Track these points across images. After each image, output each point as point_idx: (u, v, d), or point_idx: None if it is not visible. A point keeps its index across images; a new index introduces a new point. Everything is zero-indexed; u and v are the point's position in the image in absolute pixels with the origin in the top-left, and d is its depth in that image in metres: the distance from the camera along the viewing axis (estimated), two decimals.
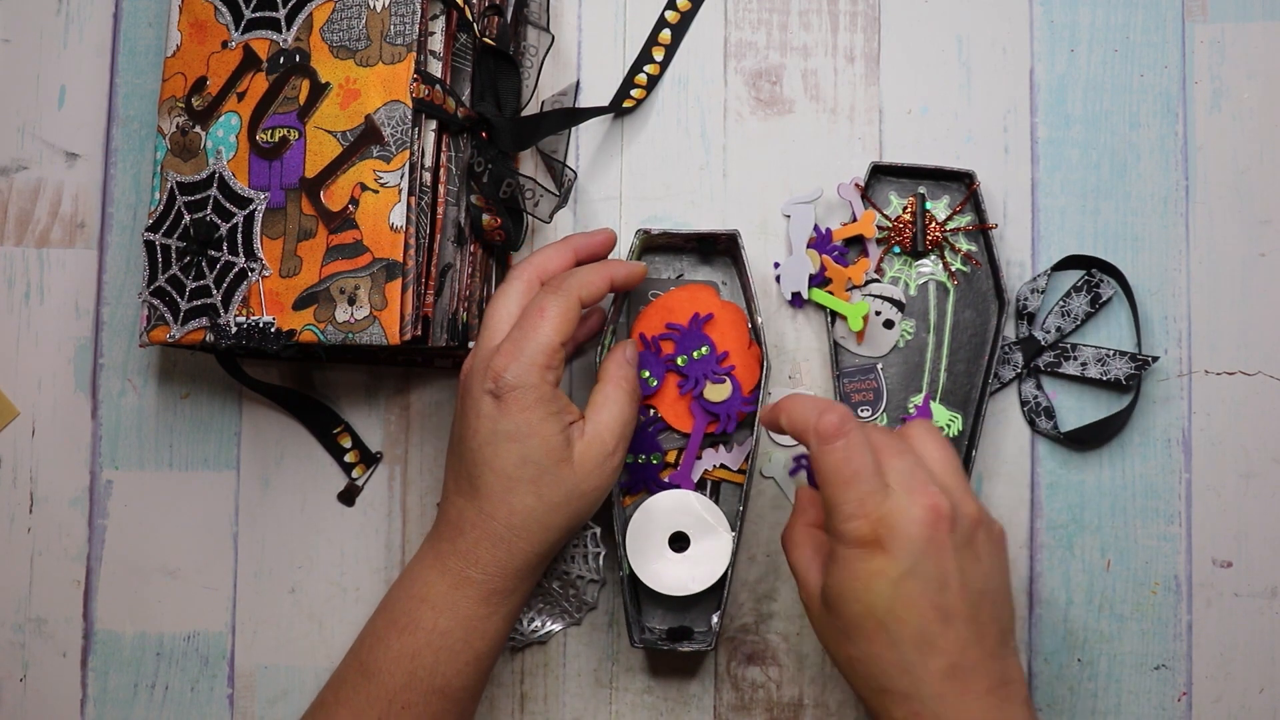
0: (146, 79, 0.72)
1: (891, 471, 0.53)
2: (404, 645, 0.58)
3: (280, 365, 0.70)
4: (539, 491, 0.57)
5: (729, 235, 0.66)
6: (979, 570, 0.53)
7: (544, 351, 0.57)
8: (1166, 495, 0.68)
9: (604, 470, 0.58)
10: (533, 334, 0.57)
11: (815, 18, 0.71)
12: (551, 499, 0.57)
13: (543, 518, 0.58)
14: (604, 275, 0.60)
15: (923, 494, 0.52)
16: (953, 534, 0.52)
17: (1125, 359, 0.66)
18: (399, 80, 0.60)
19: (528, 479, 0.57)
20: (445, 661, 0.57)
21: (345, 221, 0.59)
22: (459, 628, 0.58)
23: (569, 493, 0.58)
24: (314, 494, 0.70)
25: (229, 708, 0.69)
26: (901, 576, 0.52)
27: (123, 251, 0.71)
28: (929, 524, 0.52)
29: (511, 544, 0.58)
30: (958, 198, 0.68)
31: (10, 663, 0.70)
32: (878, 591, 0.52)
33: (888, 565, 0.52)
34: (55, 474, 0.70)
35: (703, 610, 0.67)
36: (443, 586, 0.58)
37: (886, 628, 0.52)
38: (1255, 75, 0.69)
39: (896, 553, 0.52)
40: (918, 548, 0.52)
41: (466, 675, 0.58)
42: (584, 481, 0.58)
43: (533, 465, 0.57)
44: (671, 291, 0.68)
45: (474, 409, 0.58)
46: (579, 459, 0.58)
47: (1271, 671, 0.67)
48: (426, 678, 0.57)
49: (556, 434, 0.57)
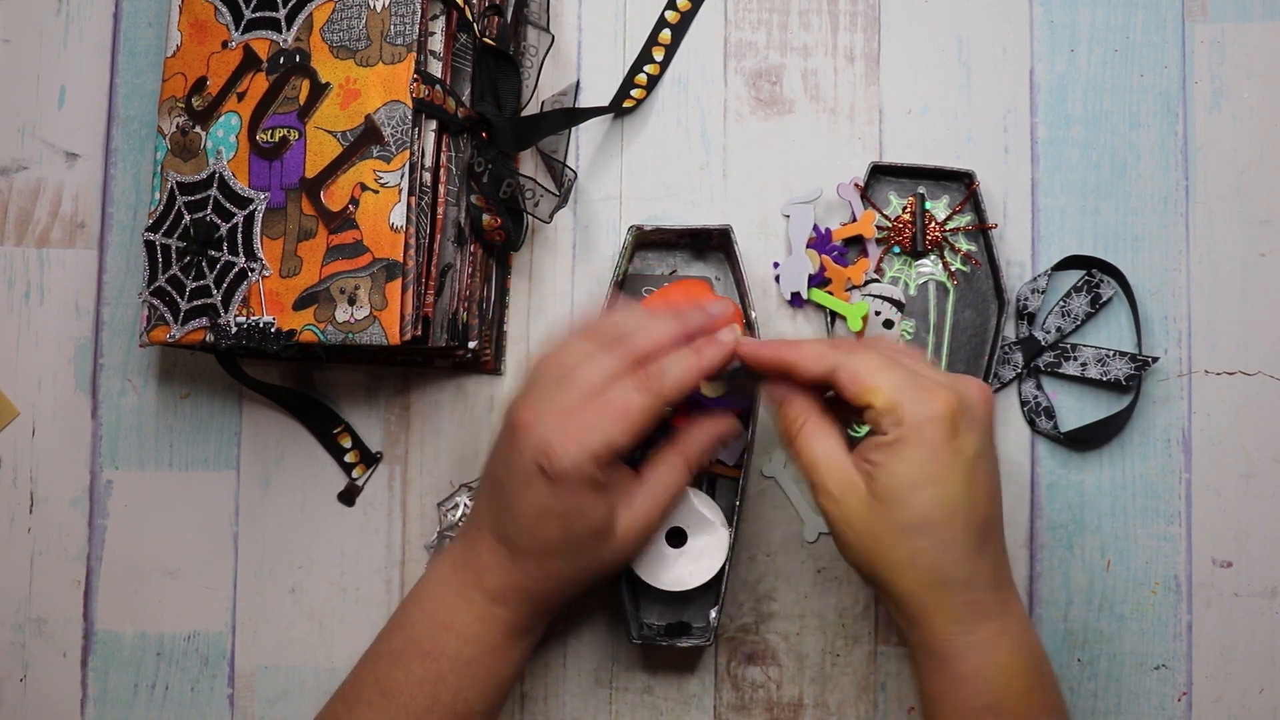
0: (146, 79, 0.72)
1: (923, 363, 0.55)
2: (427, 670, 0.57)
3: (280, 365, 0.70)
4: (575, 561, 0.57)
5: (721, 231, 0.66)
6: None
7: (609, 449, 0.54)
8: (1166, 495, 0.68)
9: (643, 538, 0.58)
10: (605, 429, 0.54)
11: (815, 18, 0.71)
12: (587, 566, 0.57)
13: (574, 578, 0.57)
14: (697, 373, 0.56)
15: (968, 377, 0.54)
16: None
17: (1125, 359, 0.66)
18: (399, 80, 0.60)
19: (568, 552, 0.56)
20: (469, 688, 0.57)
21: (345, 221, 0.59)
22: (484, 657, 0.57)
23: (607, 561, 0.57)
24: (314, 494, 0.70)
25: (229, 708, 0.69)
26: (976, 454, 0.52)
27: (123, 251, 0.71)
28: (986, 403, 0.53)
29: (543, 597, 0.58)
30: (957, 198, 0.68)
31: (10, 663, 0.70)
32: (958, 471, 0.51)
33: (965, 443, 0.52)
34: (55, 474, 0.70)
35: (701, 606, 0.67)
36: (468, 617, 0.57)
37: (959, 513, 0.51)
38: (1255, 75, 0.69)
39: (972, 430, 0.52)
40: (982, 425, 0.53)
41: (490, 700, 0.58)
42: (623, 553, 0.58)
43: (574, 542, 0.56)
44: (666, 287, 0.68)
45: (522, 473, 0.54)
46: (622, 532, 0.57)
47: (1271, 671, 0.67)
48: (449, 702, 0.57)
49: (602, 514, 0.56)
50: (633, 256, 0.68)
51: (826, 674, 0.68)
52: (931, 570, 0.52)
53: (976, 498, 0.52)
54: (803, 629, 0.68)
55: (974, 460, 0.52)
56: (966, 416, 0.52)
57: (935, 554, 0.52)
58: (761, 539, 0.68)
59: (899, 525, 0.52)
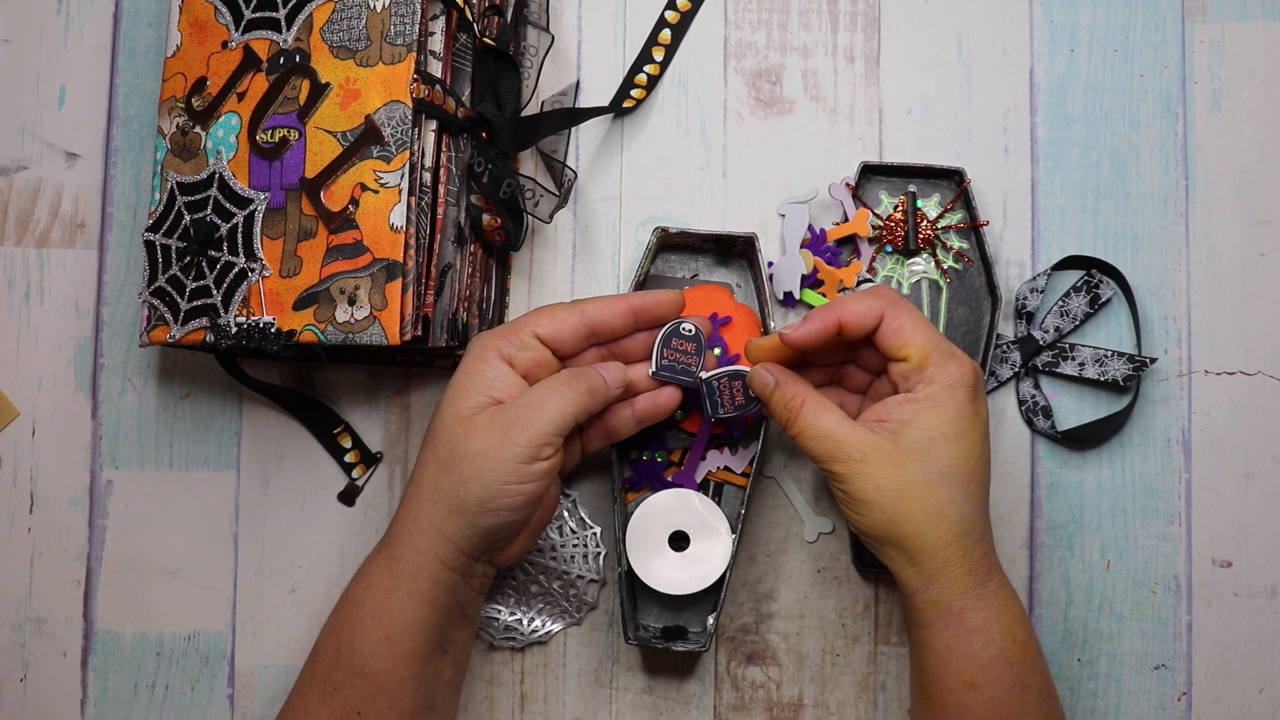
0: (146, 79, 0.72)
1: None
2: (333, 620, 0.59)
3: (280, 365, 0.70)
4: (434, 446, 0.57)
5: (746, 238, 0.66)
6: None
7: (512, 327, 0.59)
8: (1166, 495, 0.68)
9: (494, 435, 0.55)
10: (519, 318, 0.60)
11: (815, 18, 0.71)
12: (440, 455, 0.56)
13: (432, 476, 0.57)
14: (621, 299, 0.61)
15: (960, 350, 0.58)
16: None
17: (1123, 360, 0.66)
18: (399, 80, 0.60)
19: (431, 431, 0.58)
20: (360, 638, 0.57)
21: (345, 222, 0.59)
22: (368, 600, 0.57)
23: (453, 450, 0.56)
24: (314, 494, 0.70)
25: (229, 708, 0.69)
26: (986, 420, 0.57)
27: (123, 251, 0.71)
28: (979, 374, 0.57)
29: (409, 501, 0.58)
30: (948, 195, 0.68)
31: (10, 663, 0.70)
32: (978, 431, 0.56)
33: (983, 408, 0.57)
34: (55, 474, 0.70)
35: (699, 611, 0.67)
36: (369, 558, 0.59)
37: (979, 469, 0.56)
38: (1255, 75, 0.69)
39: (983, 398, 0.57)
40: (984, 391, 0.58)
41: (381, 658, 0.56)
42: (469, 441, 0.56)
43: (439, 419, 0.57)
44: (686, 290, 0.67)
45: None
46: (475, 418, 0.56)
47: (1271, 671, 0.67)
48: (348, 656, 0.57)
49: (472, 393, 0.57)
50: (655, 258, 0.68)
51: (826, 674, 0.68)
52: (958, 520, 0.55)
53: (988, 458, 0.57)
54: (803, 629, 0.68)
55: (986, 423, 0.57)
56: (981, 384, 0.57)
57: (961, 504, 0.55)
58: (761, 539, 0.68)
59: (930, 476, 0.55)
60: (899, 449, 0.55)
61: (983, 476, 0.56)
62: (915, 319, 0.57)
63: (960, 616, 0.55)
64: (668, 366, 0.61)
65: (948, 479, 0.55)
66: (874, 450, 0.55)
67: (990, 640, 0.55)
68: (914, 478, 0.54)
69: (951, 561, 0.55)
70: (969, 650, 0.55)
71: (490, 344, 0.58)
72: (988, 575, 0.56)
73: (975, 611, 0.55)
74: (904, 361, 0.56)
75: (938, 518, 0.54)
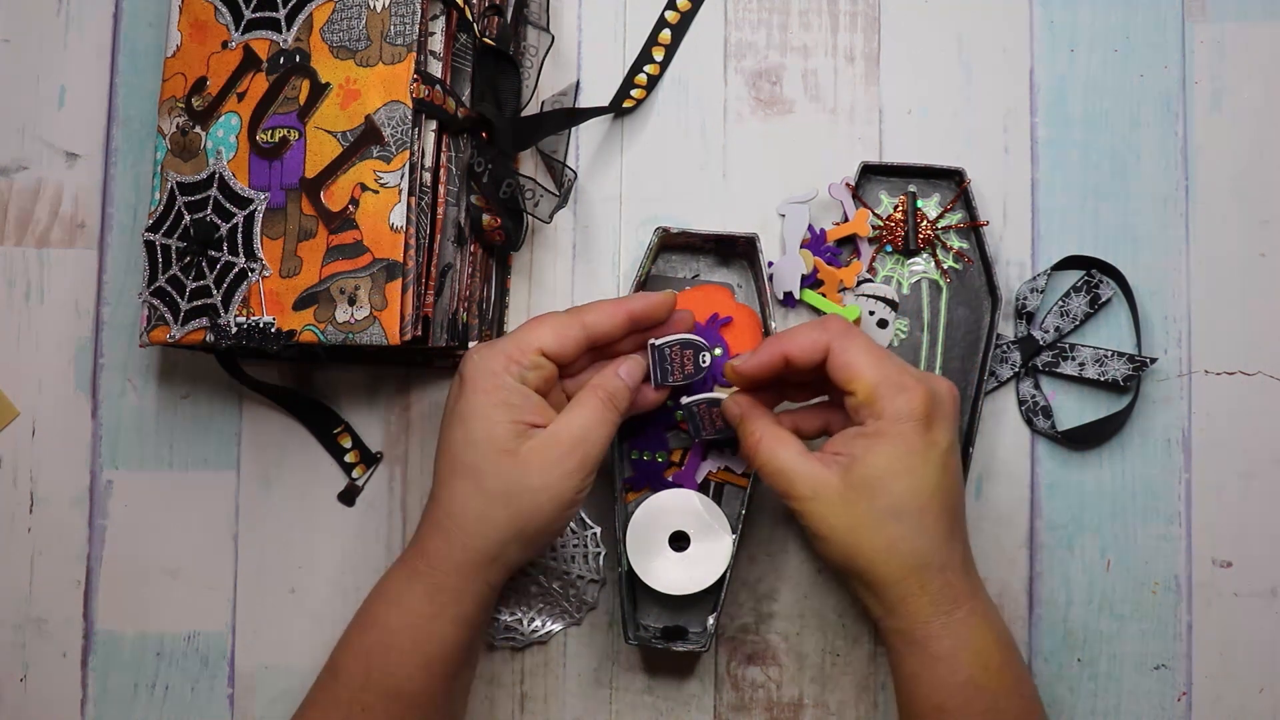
0: (146, 79, 0.72)
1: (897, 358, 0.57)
2: (361, 643, 0.58)
3: (280, 365, 0.70)
4: (478, 480, 0.56)
5: (748, 239, 0.66)
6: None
7: (518, 347, 0.57)
8: (1166, 495, 0.68)
9: (553, 473, 0.56)
10: (518, 333, 0.58)
11: (815, 18, 0.71)
12: (489, 489, 0.56)
13: (481, 509, 0.56)
14: (618, 305, 0.59)
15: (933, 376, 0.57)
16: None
17: (1123, 360, 0.66)
18: (399, 80, 0.60)
19: (468, 464, 0.56)
20: (395, 663, 0.56)
21: (345, 222, 0.59)
22: (407, 627, 0.57)
23: (509, 486, 0.56)
24: (314, 494, 0.70)
25: (229, 708, 0.69)
26: (949, 448, 0.55)
27: (123, 251, 0.71)
28: (954, 400, 0.57)
29: (451, 533, 0.56)
30: (948, 195, 0.68)
31: (10, 663, 0.70)
32: (932, 463, 0.54)
33: (939, 437, 0.55)
34: (55, 474, 0.70)
35: (699, 611, 0.67)
36: (399, 580, 0.58)
37: (935, 500, 0.54)
38: (1255, 75, 0.69)
39: (944, 424, 0.55)
40: (952, 421, 0.56)
41: (417, 680, 0.57)
42: (528, 477, 0.56)
43: (474, 450, 0.56)
44: (687, 291, 0.67)
45: (450, 392, 0.59)
46: (526, 453, 0.56)
47: (1271, 671, 0.67)
48: (380, 679, 0.56)
49: (503, 422, 0.56)
50: (657, 258, 0.68)
51: (826, 674, 0.68)
52: (911, 555, 0.54)
53: (948, 486, 0.55)
54: (803, 629, 0.68)
55: (946, 452, 0.55)
56: (939, 412, 0.55)
57: (914, 539, 0.54)
58: (761, 539, 0.68)
59: (878, 513, 0.54)
60: (848, 485, 0.55)
61: (940, 507, 0.55)
62: (863, 352, 0.56)
63: (924, 644, 0.55)
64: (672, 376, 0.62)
65: (896, 514, 0.54)
66: (824, 487, 0.55)
67: (956, 668, 0.54)
68: (862, 514, 0.54)
69: (908, 594, 0.54)
70: (934, 676, 0.55)
71: (502, 366, 0.57)
72: (953, 604, 0.55)
73: (939, 640, 0.54)
74: (852, 395, 0.56)
75: (889, 554, 0.54)
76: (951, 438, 0.56)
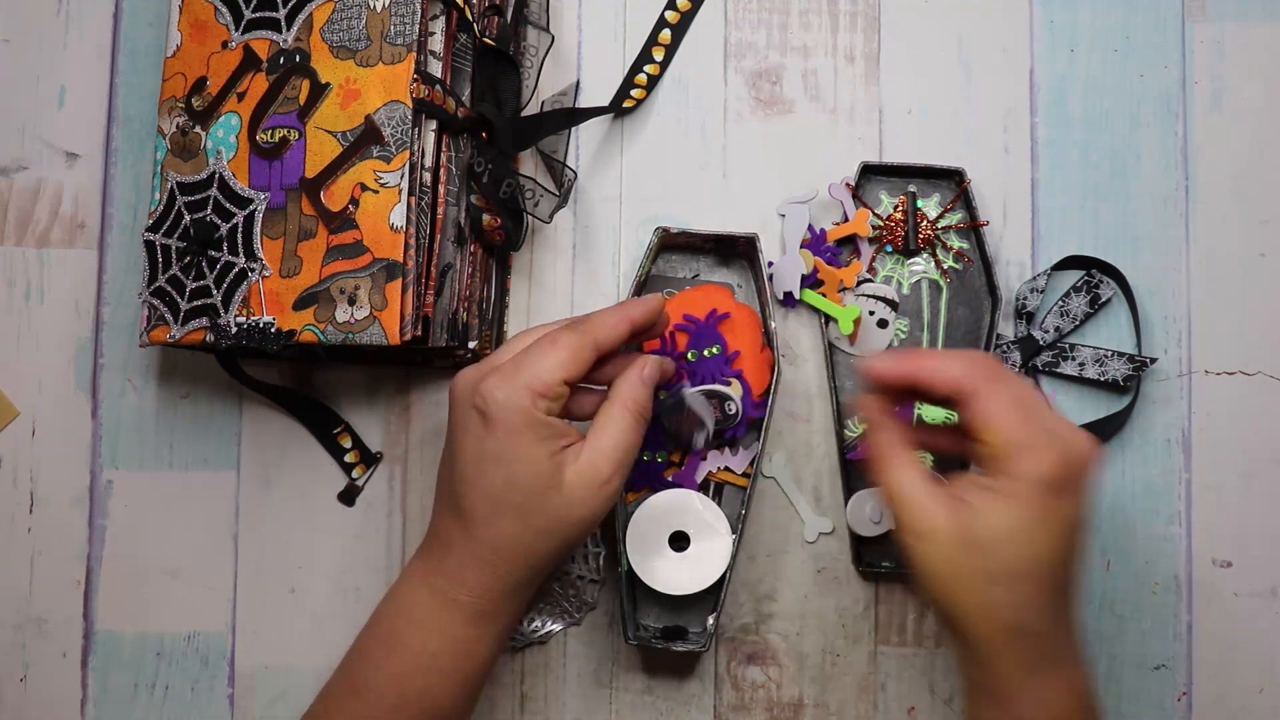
0: (146, 79, 0.72)
1: (1045, 408, 0.52)
2: (393, 667, 0.57)
3: (280, 365, 0.70)
4: (524, 518, 0.55)
5: (748, 238, 0.66)
6: None
7: (540, 380, 0.54)
8: (1166, 495, 0.68)
9: (597, 499, 0.55)
10: (535, 362, 0.55)
11: (815, 18, 0.71)
12: (538, 526, 0.55)
13: (529, 544, 0.55)
14: (622, 317, 0.58)
15: (1081, 433, 0.52)
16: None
17: (1123, 360, 0.66)
18: (399, 80, 0.60)
19: (513, 505, 0.54)
20: (435, 684, 0.56)
21: (345, 221, 0.59)
22: (448, 651, 0.56)
23: (557, 520, 0.55)
24: (314, 494, 0.70)
25: (229, 708, 0.69)
26: (1076, 521, 0.51)
27: (123, 251, 0.71)
28: (1092, 462, 0.52)
29: (497, 566, 0.56)
30: (948, 195, 0.68)
31: (10, 663, 0.70)
32: (1053, 533, 0.51)
33: (1067, 509, 0.51)
34: (55, 474, 0.70)
35: (699, 611, 0.67)
36: (431, 608, 0.57)
37: (1047, 570, 0.51)
38: (1255, 75, 0.69)
39: (1074, 494, 0.51)
40: (1083, 488, 0.52)
41: (457, 696, 0.57)
42: (574, 509, 0.55)
43: (518, 491, 0.54)
44: (687, 290, 0.68)
45: (462, 425, 0.56)
46: (569, 486, 0.55)
47: (1271, 671, 0.67)
48: (416, 700, 0.56)
49: (544, 459, 0.54)
50: (657, 258, 0.68)
51: (826, 674, 0.68)
52: (1007, 619, 0.51)
53: (1064, 559, 0.52)
54: (803, 629, 0.68)
55: (1070, 525, 0.51)
56: (1072, 480, 0.51)
57: (1014, 607, 0.51)
58: (762, 539, 0.68)
59: (984, 574, 0.51)
60: (961, 538, 0.51)
61: (1051, 577, 0.51)
62: (1007, 407, 0.51)
63: (1006, 704, 0.52)
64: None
65: (1002, 580, 0.51)
66: (938, 532, 0.52)
67: None
68: (968, 570, 0.51)
69: (995, 655, 0.52)
70: None
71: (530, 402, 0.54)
72: (1038, 670, 0.52)
73: (1020, 701, 0.52)
74: (983, 445, 0.52)
75: (985, 613, 0.51)
76: (1081, 511, 0.52)
